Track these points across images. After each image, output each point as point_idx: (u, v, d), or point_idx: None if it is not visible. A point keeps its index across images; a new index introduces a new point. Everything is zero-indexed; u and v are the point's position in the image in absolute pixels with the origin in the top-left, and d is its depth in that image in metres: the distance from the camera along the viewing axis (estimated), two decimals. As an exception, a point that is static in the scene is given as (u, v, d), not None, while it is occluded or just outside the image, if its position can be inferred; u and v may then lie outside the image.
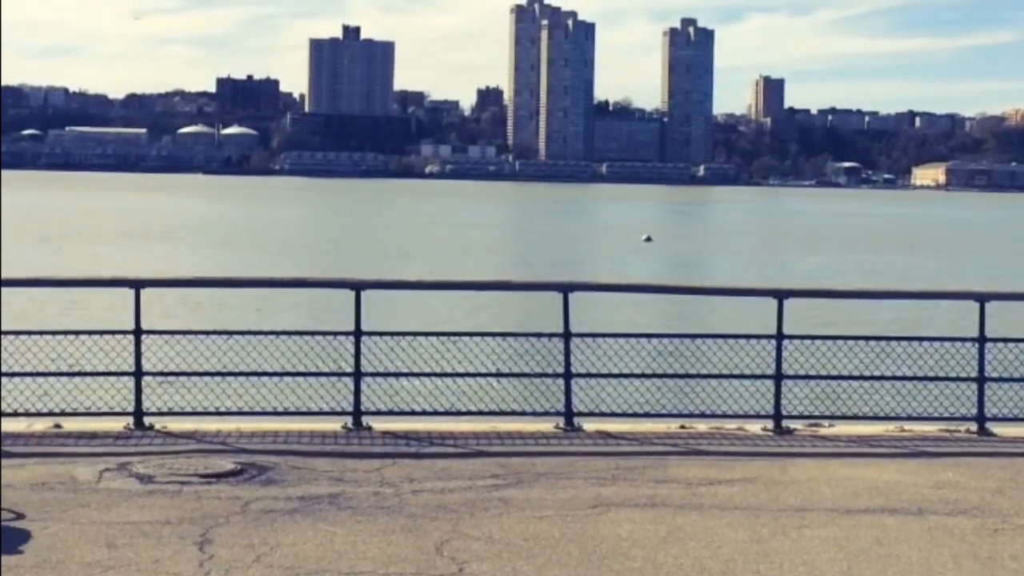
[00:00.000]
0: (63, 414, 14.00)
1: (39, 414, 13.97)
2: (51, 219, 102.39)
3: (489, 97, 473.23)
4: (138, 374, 14.01)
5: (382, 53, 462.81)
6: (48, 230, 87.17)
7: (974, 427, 14.74)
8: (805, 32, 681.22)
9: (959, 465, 12.99)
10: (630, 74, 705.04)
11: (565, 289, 14.55)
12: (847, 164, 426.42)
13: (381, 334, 14.50)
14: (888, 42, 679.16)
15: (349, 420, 14.21)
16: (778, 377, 14.58)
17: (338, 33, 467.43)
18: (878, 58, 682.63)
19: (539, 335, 14.85)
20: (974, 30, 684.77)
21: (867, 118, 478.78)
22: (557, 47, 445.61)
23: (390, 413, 14.40)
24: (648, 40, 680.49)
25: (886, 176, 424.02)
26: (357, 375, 14.20)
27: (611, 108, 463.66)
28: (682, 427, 14.45)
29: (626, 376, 14.93)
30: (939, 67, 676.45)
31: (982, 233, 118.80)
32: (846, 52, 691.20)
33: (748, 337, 14.97)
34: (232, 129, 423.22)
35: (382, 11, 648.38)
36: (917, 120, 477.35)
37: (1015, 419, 15.00)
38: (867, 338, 15.28)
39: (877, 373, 15.11)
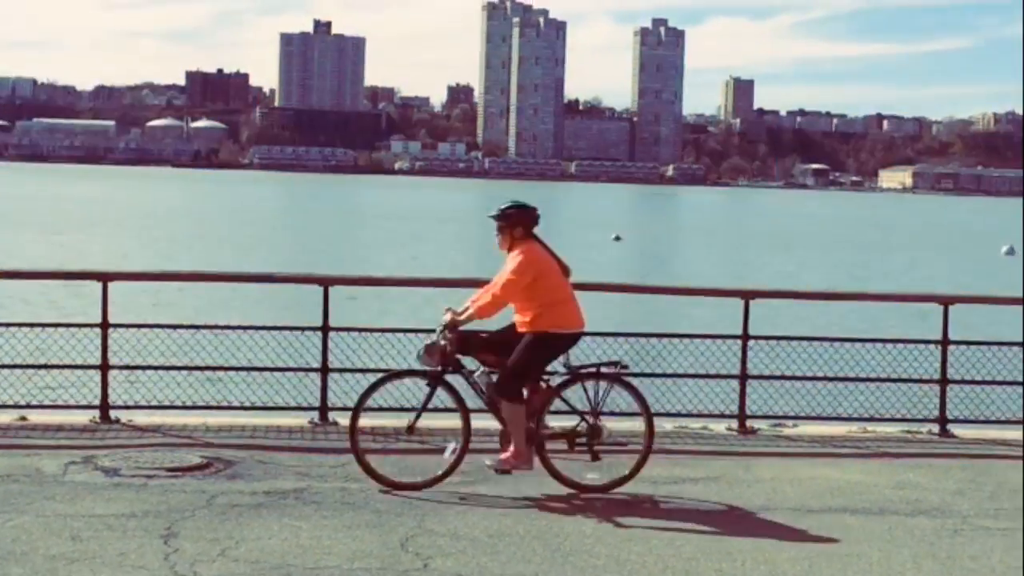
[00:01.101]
0: (28, 407, 13.98)
1: (4, 406, 13.93)
2: (20, 209, 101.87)
3: (459, 94, 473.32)
4: (104, 367, 14.01)
5: (353, 48, 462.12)
6: (18, 220, 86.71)
7: (936, 428, 14.88)
8: (766, 35, 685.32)
9: (920, 466, 13.11)
10: (600, 73, 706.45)
11: (532, 287, 14.57)
12: (815, 166, 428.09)
13: (348, 330, 14.52)
14: (848, 46, 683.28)
15: (315, 415, 14.24)
16: (743, 377, 14.68)
17: (309, 27, 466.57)
18: (841, 62, 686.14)
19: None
20: (932, 36, 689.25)
21: (835, 120, 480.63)
22: (528, 45, 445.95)
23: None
24: (614, 40, 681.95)
25: (853, 178, 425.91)
26: (324, 370, 14.23)
27: (581, 107, 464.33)
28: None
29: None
30: (905, 71, 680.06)
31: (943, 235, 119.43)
32: (808, 56, 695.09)
33: (714, 337, 15.07)
34: (201, 123, 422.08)
35: (350, 7, 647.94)
36: (885, 123, 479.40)
37: (976, 421, 15.15)
38: (831, 339, 15.39)
39: (841, 374, 15.23)
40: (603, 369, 11.60)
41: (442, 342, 11.48)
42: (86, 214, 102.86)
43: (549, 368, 11.59)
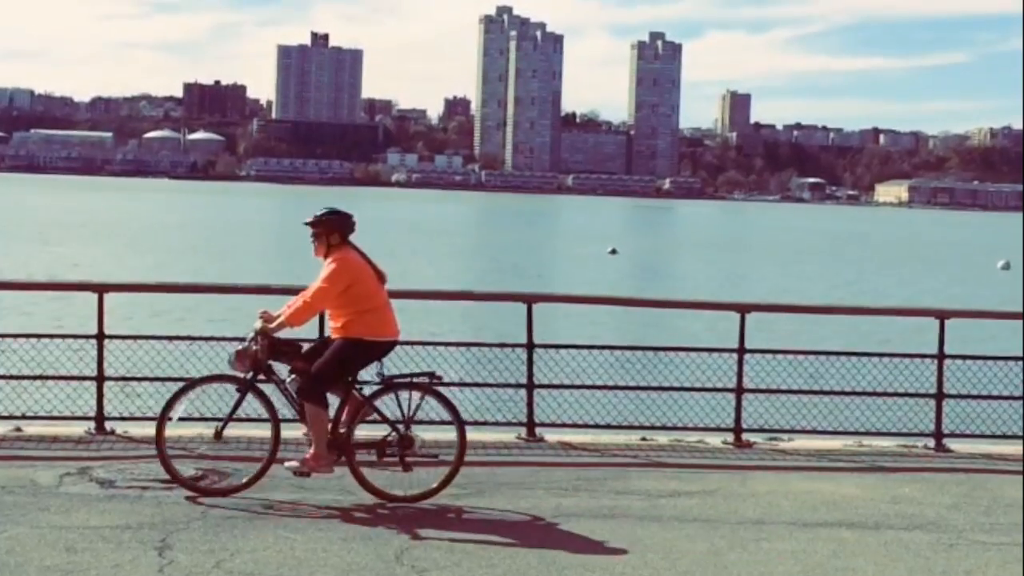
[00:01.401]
0: (24, 418, 13.97)
1: (0, 417, 13.93)
2: (16, 220, 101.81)
3: (456, 107, 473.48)
4: (100, 379, 13.99)
5: (350, 61, 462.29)
6: (14, 232, 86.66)
7: (931, 443, 14.88)
8: (763, 49, 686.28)
9: (916, 480, 13.11)
10: (598, 86, 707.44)
11: (528, 300, 14.60)
12: (811, 180, 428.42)
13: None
14: (846, 61, 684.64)
15: (311, 427, 14.21)
16: (739, 391, 14.68)
17: (306, 40, 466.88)
18: (838, 76, 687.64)
19: (502, 346, 14.90)
20: (929, 51, 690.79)
21: (831, 134, 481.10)
22: (525, 58, 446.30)
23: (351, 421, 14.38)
24: (611, 53, 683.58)
25: (850, 192, 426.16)
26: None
27: (578, 120, 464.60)
28: (643, 439, 14.53)
29: (588, 388, 15.00)
30: (902, 85, 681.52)
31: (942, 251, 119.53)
32: (806, 69, 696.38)
33: (710, 350, 15.08)
34: (198, 134, 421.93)
35: (347, 21, 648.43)
36: (881, 137, 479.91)
37: (972, 435, 15.15)
38: (827, 353, 15.40)
39: (837, 388, 15.23)
40: (416, 380, 11.61)
41: (253, 348, 11.42)
42: (82, 226, 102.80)
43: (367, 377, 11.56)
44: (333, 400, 11.49)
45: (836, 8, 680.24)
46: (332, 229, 11.63)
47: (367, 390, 11.62)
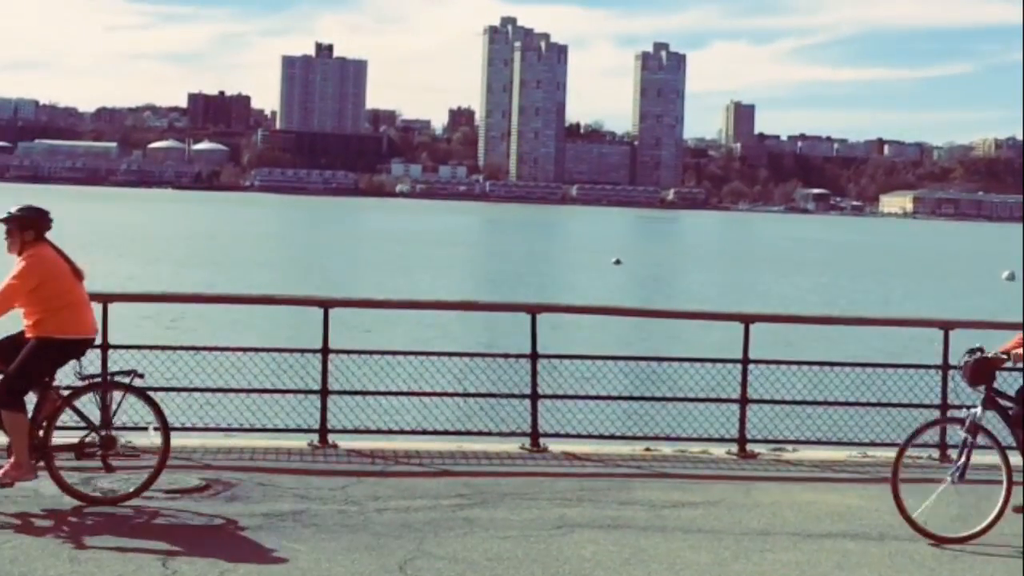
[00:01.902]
0: (28, 427, 13.93)
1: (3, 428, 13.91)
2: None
3: (461, 117, 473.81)
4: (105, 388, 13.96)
5: (354, 71, 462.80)
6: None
7: (936, 454, 14.84)
8: (767, 60, 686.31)
9: (921, 491, 13.05)
10: (602, 97, 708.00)
11: (533, 310, 14.60)
12: (816, 190, 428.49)
13: (348, 352, 14.52)
14: (849, 72, 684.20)
15: (315, 438, 14.23)
16: (743, 401, 14.67)
17: (310, 51, 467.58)
18: (843, 86, 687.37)
19: (506, 356, 14.90)
20: (933, 62, 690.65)
21: (836, 145, 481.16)
22: (529, 69, 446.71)
23: (356, 431, 14.41)
24: (616, 64, 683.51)
25: (854, 203, 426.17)
26: (324, 393, 14.22)
27: (582, 130, 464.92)
28: (647, 449, 14.52)
29: (592, 398, 15.00)
30: (907, 96, 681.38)
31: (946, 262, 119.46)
32: (810, 80, 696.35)
33: (714, 361, 15.07)
34: (203, 145, 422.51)
35: (352, 30, 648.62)
36: (886, 148, 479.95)
37: (977, 446, 15.10)
38: (832, 364, 15.38)
39: (841, 399, 15.21)
40: (117, 378, 11.47)
41: None
42: (87, 235, 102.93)
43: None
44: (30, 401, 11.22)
45: (840, 19, 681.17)
46: (26, 226, 11.23)
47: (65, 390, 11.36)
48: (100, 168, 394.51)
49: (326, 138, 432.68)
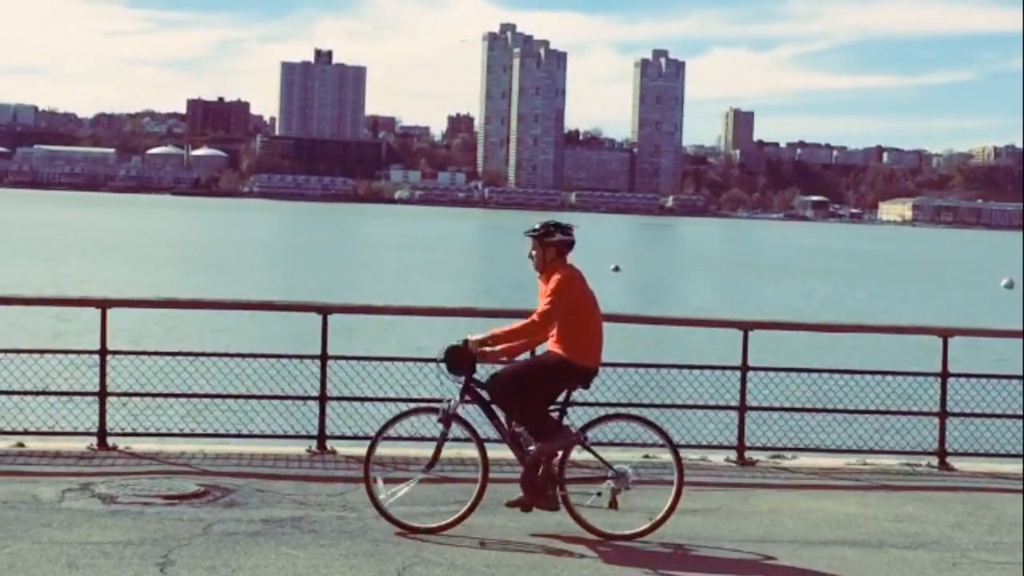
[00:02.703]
0: (26, 433, 13.95)
1: (2, 432, 13.91)
2: (20, 236, 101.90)
3: (460, 124, 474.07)
4: (103, 394, 13.98)
5: (354, 77, 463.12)
6: (18, 247, 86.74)
7: (935, 461, 14.85)
8: (766, 67, 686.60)
9: (919, 499, 13.08)
10: (601, 103, 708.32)
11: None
12: (815, 198, 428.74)
13: (347, 358, 14.50)
14: (848, 79, 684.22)
15: (313, 444, 14.22)
16: (742, 408, 14.65)
17: (310, 57, 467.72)
18: (841, 93, 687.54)
19: (505, 363, 14.85)
20: (932, 69, 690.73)
21: (835, 152, 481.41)
22: (528, 75, 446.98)
23: (355, 437, 14.38)
24: (615, 71, 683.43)
25: (853, 210, 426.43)
26: (323, 399, 14.21)
27: (581, 137, 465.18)
28: (646, 456, 14.48)
29: (590, 405, 14.96)
30: (906, 104, 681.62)
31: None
32: (808, 87, 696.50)
33: (713, 368, 15.05)
34: (202, 151, 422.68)
35: (352, 37, 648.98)
36: (885, 155, 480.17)
37: (975, 454, 15.13)
38: (831, 371, 15.37)
39: (840, 406, 15.21)
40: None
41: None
42: (85, 241, 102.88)
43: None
44: None
45: (839, 26, 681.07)
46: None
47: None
48: (99, 174, 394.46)
49: (325, 144, 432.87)
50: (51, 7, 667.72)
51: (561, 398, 11.12)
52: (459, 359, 11.08)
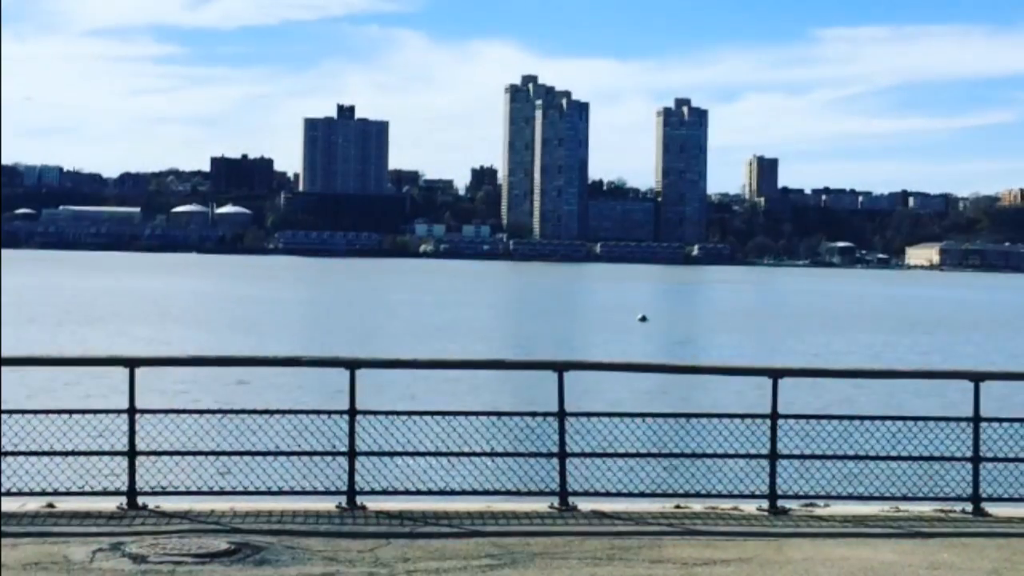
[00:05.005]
0: (56, 493, 13.94)
1: (32, 493, 13.91)
2: (46, 300, 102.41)
3: (483, 176, 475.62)
4: (132, 453, 13.97)
5: (376, 132, 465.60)
6: (42, 311, 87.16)
7: (969, 507, 14.71)
8: (801, 112, 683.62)
9: (954, 545, 12.95)
10: (624, 153, 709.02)
11: (560, 368, 14.54)
12: (841, 244, 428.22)
13: (376, 413, 14.47)
14: (884, 122, 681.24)
15: (343, 500, 14.16)
16: (773, 457, 14.56)
17: (332, 112, 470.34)
18: (873, 138, 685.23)
19: (534, 414, 14.84)
20: (972, 110, 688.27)
21: (861, 198, 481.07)
22: (551, 126, 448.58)
23: (384, 493, 14.33)
24: (644, 119, 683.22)
25: (880, 256, 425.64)
26: (351, 454, 14.17)
27: (605, 187, 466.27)
28: (677, 507, 14.41)
29: (621, 455, 14.90)
30: (933, 147, 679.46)
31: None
32: (842, 132, 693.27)
33: (743, 416, 14.96)
34: (226, 208, 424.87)
35: (376, 90, 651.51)
36: (911, 200, 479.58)
37: (1011, 499, 14.98)
38: (862, 418, 15.27)
39: (872, 453, 15.09)
40: None
41: None
42: (114, 303, 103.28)
43: None
44: None
45: (878, 69, 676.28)
46: None
47: None
48: (124, 233, 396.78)
49: (349, 199, 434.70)
50: (78, 66, 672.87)
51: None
52: None
